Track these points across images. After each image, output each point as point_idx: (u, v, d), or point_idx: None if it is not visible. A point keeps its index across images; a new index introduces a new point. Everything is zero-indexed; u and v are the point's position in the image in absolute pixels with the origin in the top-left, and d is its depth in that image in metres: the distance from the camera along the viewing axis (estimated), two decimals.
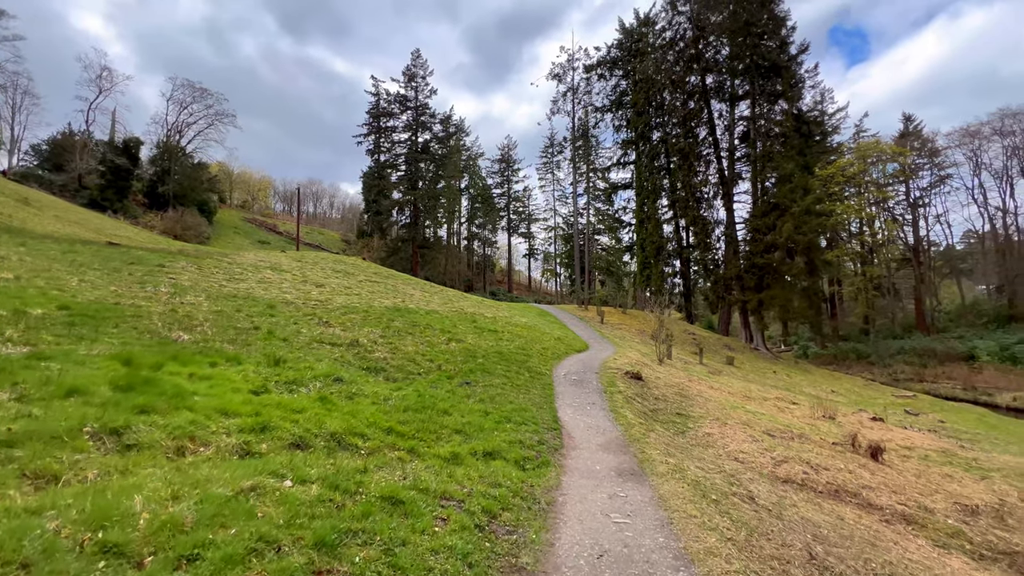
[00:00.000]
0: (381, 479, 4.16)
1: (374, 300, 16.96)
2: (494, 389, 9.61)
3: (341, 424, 5.24)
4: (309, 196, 78.58)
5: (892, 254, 39.90)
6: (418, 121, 52.47)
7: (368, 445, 5.05)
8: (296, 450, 4.44)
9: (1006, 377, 27.96)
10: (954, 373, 29.81)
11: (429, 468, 4.91)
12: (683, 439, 9.57)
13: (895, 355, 33.54)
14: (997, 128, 35.67)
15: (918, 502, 8.38)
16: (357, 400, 6.65)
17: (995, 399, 25.09)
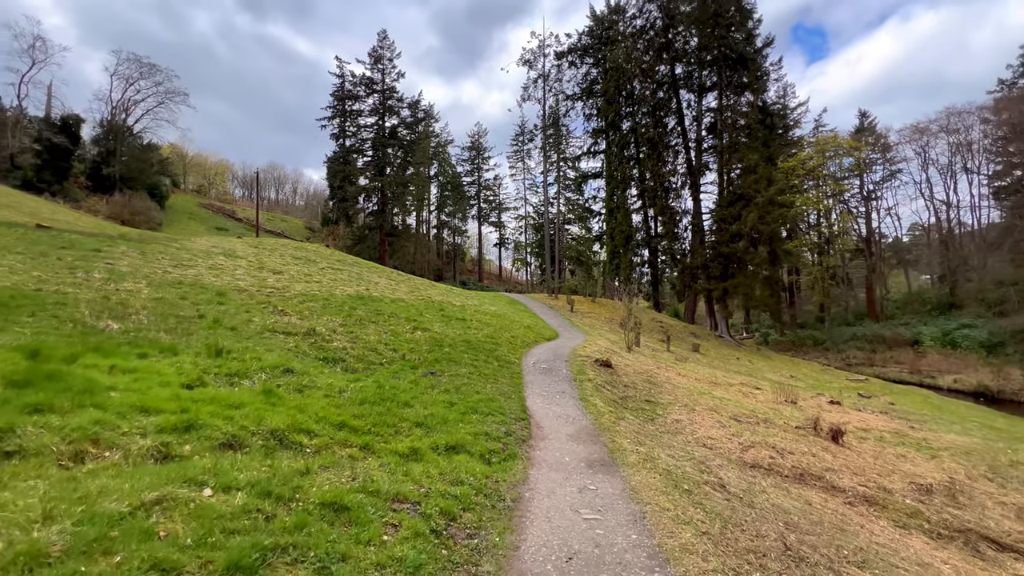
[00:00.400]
0: (325, 482, 3.67)
1: (336, 288, 16.16)
2: (460, 379, 9.18)
3: (285, 420, 4.70)
4: (270, 181, 75.18)
5: (846, 245, 41.52)
6: (385, 105, 50.74)
7: (315, 443, 4.54)
8: (228, 451, 3.89)
9: (947, 361, 29.61)
10: (901, 358, 31.36)
11: (384, 466, 4.45)
12: (653, 426, 9.43)
13: (848, 341, 35.02)
14: (943, 126, 37.46)
15: (877, 483, 8.52)
16: (308, 393, 6.08)
17: (938, 381, 26.52)
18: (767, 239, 26.41)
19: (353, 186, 48.04)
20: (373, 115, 51.20)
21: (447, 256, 61.61)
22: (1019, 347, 27.94)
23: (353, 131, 51.53)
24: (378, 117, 51.14)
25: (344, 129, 51.52)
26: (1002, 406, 22.44)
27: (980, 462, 11.41)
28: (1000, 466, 11.41)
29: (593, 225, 47.67)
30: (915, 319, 36.38)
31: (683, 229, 31.69)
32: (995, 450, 12.62)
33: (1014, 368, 25.53)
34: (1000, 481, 10.50)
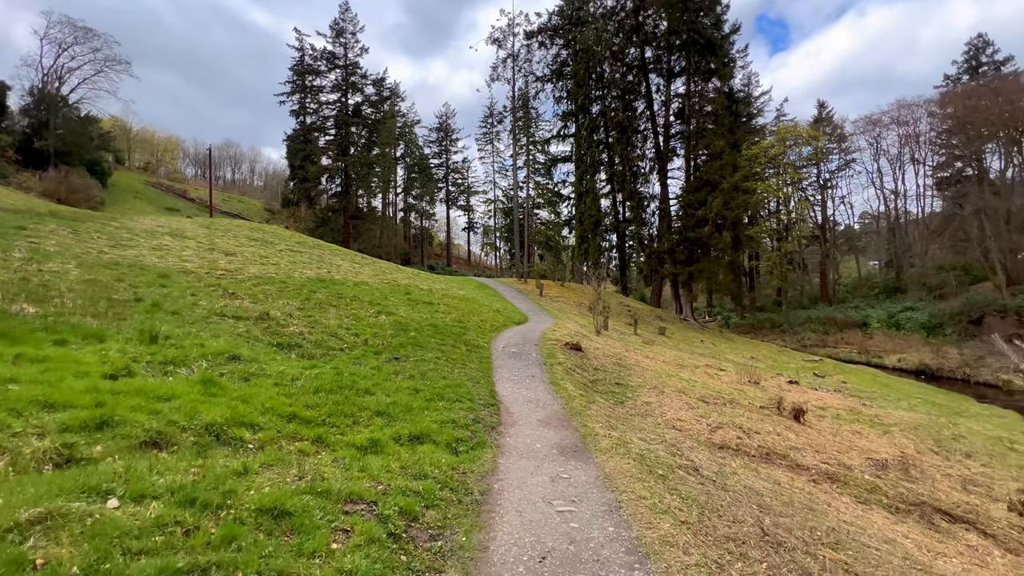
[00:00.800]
0: (266, 483, 3.20)
1: (295, 271, 15.27)
2: (426, 364, 8.74)
3: (225, 412, 4.16)
4: (226, 160, 70.92)
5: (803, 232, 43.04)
6: (348, 82, 48.46)
7: (259, 437, 4.04)
8: (150, 451, 3.35)
9: (892, 341, 31.30)
10: (851, 339, 32.94)
11: (338, 462, 4.01)
12: (623, 409, 9.31)
13: (803, 324, 36.49)
14: (895, 117, 39.04)
15: (838, 460, 8.71)
16: (255, 382, 5.52)
17: (884, 361, 28.00)
18: (731, 224, 26.91)
19: (315, 166, 45.92)
20: (335, 92, 48.86)
21: (415, 240, 60.24)
22: (956, 328, 29.80)
23: (314, 108, 49.08)
24: (341, 94, 48.85)
25: (305, 106, 48.97)
26: (941, 383, 23.91)
27: (927, 436, 11.94)
28: (944, 439, 11.99)
29: (562, 209, 47.50)
30: (864, 303, 38.22)
31: (651, 214, 31.93)
32: (939, 424, 13.28)
33: (951, 348, 27.22)
34: (945, 454, 11.01)
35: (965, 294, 32.37)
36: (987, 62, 41.02)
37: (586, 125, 34.39)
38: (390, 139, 52.15)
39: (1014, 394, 21.58)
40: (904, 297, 36.78)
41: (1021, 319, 27.98)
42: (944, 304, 33.41)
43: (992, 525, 7.06)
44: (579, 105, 34.70)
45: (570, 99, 36.47)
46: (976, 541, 6.47)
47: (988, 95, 34.32)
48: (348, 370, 7.08)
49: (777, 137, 39.17)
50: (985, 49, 41.44)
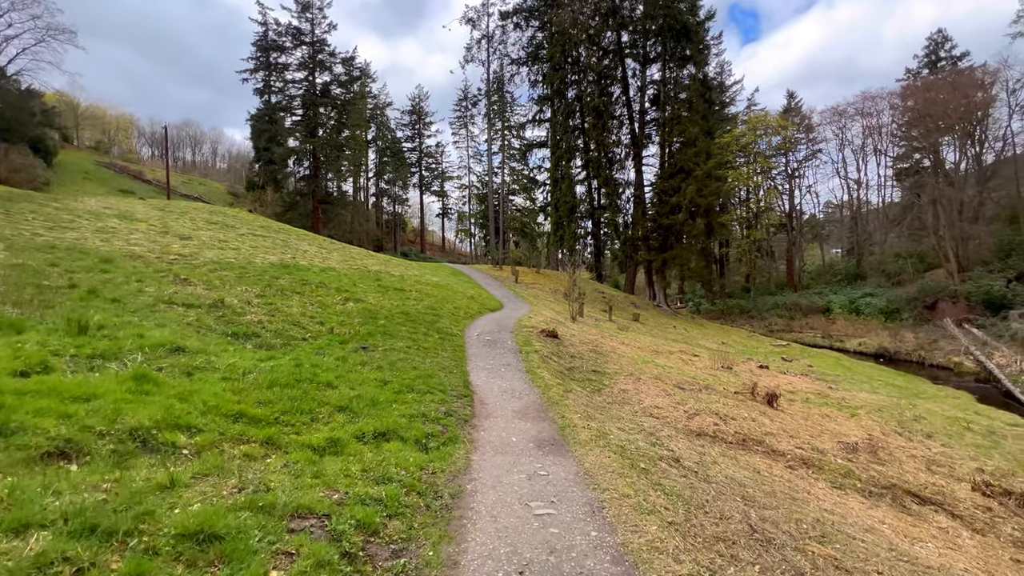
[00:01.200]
0: (196, 498, 2.72)
1: (256, 256, 14.38)
2: (396, 354, 8.25)
3: (157, 413, 3.61)
4: (185, 140, 67.10)
5: (772, 220, 43.96)
6: (315, 60, 46.25)
7: (196, 442, 3.51)
8: (55, 464, 2.80)
9: (853, 326, 32.41)
10: (815, 324, 33.96)
11: (288, 467, 3.53)
12: (600, 397, 9.08)
13: (770, 309, 37.41)
14: (859, 109, 40.03)
15: (811, 444, 8.74)
16: (200, 376, 4.94)
17: (846, 345, 28.96)
18: (704, 211, 27.10)
19: (281, 147, 43.87)
20: (302, 70, 46.60)
21: (387, 226, 58.73)
22: (912, 313, 31.06)
23: (280, 87, 46.73)
24: (308, 72, 46.63)
25: (270, 85, 46.54)
26: (898, 365, 24.87)
27: (890, 418, 12.22)
28: (906, 420, 12.30)
29: (538, 196, 47.06)
30: (827, 289, 39.44)
31: (625, 200, 31.87)
32: (901, 406, 13.64)
33: (907, 332, 28.35)
34: (908, 435, 11.27)
35: (920, 281, 33.75)
36: (945, 57, 42.39)
37: (562, 110, 33.85)
38: (361, 121, 50.31)
39: (964, 375, 22.61)
40: (864, 284, 38.11)
41: (970, 304, 29.35)
42: (901, 290, 34.77)
43: (958, 506, 7.17)
44: (555, 89, 34.09)
45: (546, 83, 35.80)
46: (946, 523, 6.54)
47: (946, 89, 35.47)
48: (309, 361, 6.54)
49: (748, 126, 39.62)
50: (944, 44, 42.79)
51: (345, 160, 50.06)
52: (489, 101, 41.86)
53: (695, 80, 28.05)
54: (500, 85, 43.23)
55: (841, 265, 43.14)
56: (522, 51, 37.52)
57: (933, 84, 37.27)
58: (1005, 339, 24.89)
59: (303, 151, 46.04)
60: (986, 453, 10.78)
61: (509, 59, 38.64)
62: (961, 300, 30.04)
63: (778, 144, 42.01)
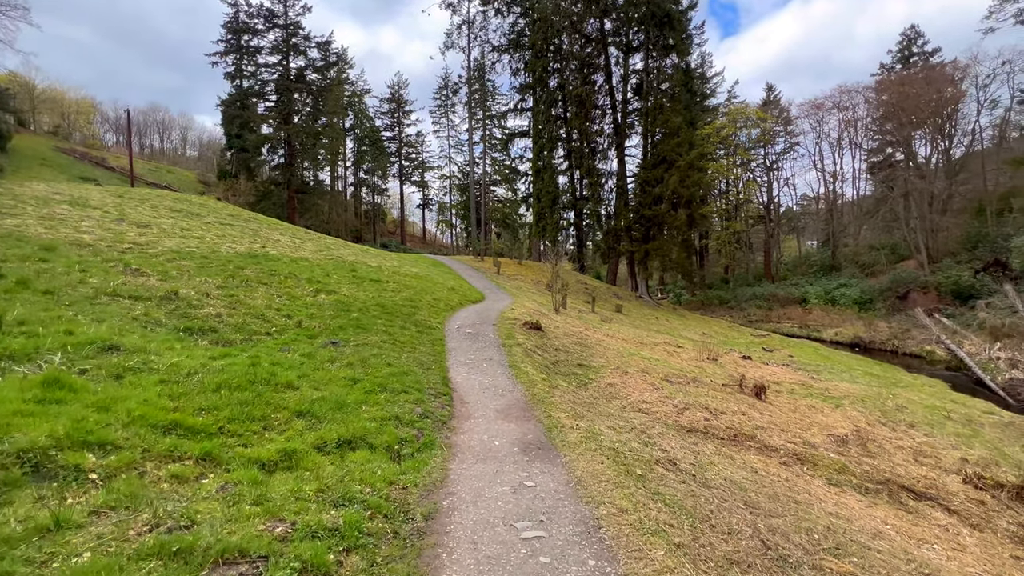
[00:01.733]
0: (87, 544, 2.10)
1: (222, 245, 13.44)
2: (369, 349, 7.61)
3: (63, 428, 2.94)
4: (152, 126, 63.86)
5: (750, 212, 44.30)
6: (289, 43, 44.36)
7: (110, 462, 2.86)
8: None
9: (829, 316, 32.90)
10: (792, 314, 34.38)
11: (226, 491, 2.92)
12: (587, 392, 8.63)
13: (749, 300, 37.77)
14: (836, 102, 40.43)
15: (802, 438, 8.46)
16: (132, 379, 4.24)
17: (822, 335, 29.35)
18: (686, 202, 26.92)
19: (254, 134, 42.07)
20: (275, 53, 44.66)
21: (366, 217, 57.28)
22: (885, 303, 31.66)
23: (252, 71, 44.72)
24: (281, 56, 44.72)
25: (241, 69, 44.47)
26: (873, 354, 25.25)
27: (874, 408, 12.12)
28: (889, 410, 12.22)
29: (520, 186, 46.39)
30: (803, 280, 40.00)
31: (608, 191, 31.49)
32: (882, 396, 13.60)
33: (881, 321, 28.87)
34: (891, 425, 11.16)
35: (892, 272, 34.42)
36: (918, 52, 43.08)
37: (544, 99, 33.14)
38: (337, 108, 48.61)
39: (936, 363, 23.04)
40: (839, 275, 38.75)
41: (940, 294, 30.02)
42: (874, 281, 35.44)
43: (952, 500, 6.97)
44: (537, 77, 33.32)
45: (527, 71, 34.98)
46: (944, 519, 6.30)
47: (919, 83, 36.01)
48: (270, 359, 5.86)
49: (729, 118, 39.67)
50: (917, 40, 43.47)
51: (322, 148, 48.39)
52: (470, 89, 40.85)
53: (678, 70, 27.70)
54: (481, 73, 42.20)
55: (817, 256, 43.81)
56: (503, 38, 36.61)
57: (907, 79, 37.81)
58: (973, 328, 25.48)
59: (277, 138, 44.27)
60: (967, 442, 10.73)
61: (490, 46, 37.67)
62: (932, 290, 30.71)
63: (757, 136, 42.24)
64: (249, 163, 43.46)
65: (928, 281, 31.55)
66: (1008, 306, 26.18)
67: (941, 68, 38.92)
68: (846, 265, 39.52)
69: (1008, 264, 29.49)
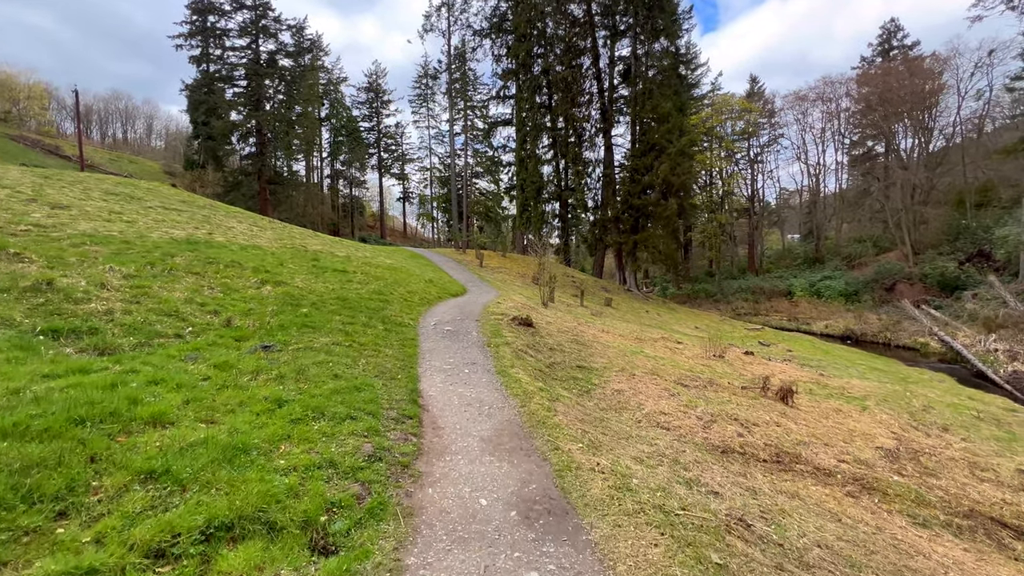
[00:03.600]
0: None
1: (156, 230, 11.25)
2: (314, 354, 5.72)
3: None
4: (115, 115, 59.49)
5: (733, 205, 43.36)
6: (258, 25, 41.34)
7: None
8: None
9: (816, 308, 32.07)
10: (780, 307, 33.47)
11: None
12: (592, 402, 6.93)
13: (735, 293, 36.77)
14: (820, 94, 39.65)
15: (851, 454, 6.92)
16: None
17: (812, 327, 28.39)
18: (677, 191, 25.51)
19: (221, 120, 39.06)
20: (244, 36, 41.57)
21: (344, 210, 54.54)
22: (871, 295, 30.92)
23: (219, 55, 41.56)
24: (250, 39, 41.68)
25: (208, 52, 41.27)
26: (865, 347, 24.33)
27: (900, 410, 10.74)
28: (916, 412, 10.85)
29: (503, 177, 44.46)
30: (787, 273, 39.23)
31: (595, 180, 29.88)
32: (900, 394, 12.26)
33: (870, 313, 28.05)
34: (924, 429, 9.77)
35: (876, 263, 33.79)
36: (898, 46, 42.62)
37: (528, 85, 31.27)
38: (312, 96, 45.75)
39: (929, 356, 22.15)
40: (823, 267, 38.07)
41: (926, 285, 29.37)
42: (857, 273, 34.77)
43: None
44: (520, 62, 31.41)
45: (510, 56, 33.02)
46: None
47: (902, 75, 35.38)
48: (152, 375, 3.94)
49: (714, 108, 38.49)
50: (896, 33, 42.99)
51: (296, 138, 45.50)
52: (450, 75, 38.67)
53: (668, 53, 26.18)
54: (462, 60, 40.06)
55: (800, 249, 43.16)
56: (485, 21, 34.54)
57: (890, 71, 37.16)
58: (964, 319, 24.74)
59: (247, 126, 41.31)
60: (1009, 447, 9.39)
61: (472, 30, 35.55)
62: (918, 282, 30.07)
63: (742, 129, 41.23)
64: (217, 152, 40.45)
65: (913, 273, 30.90)
66: (995, 297, 25.56)
67: (921, 61, 38.42)
68: (829, 257, 38.88)
69: (992, 255, 28.99)
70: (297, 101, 44.16)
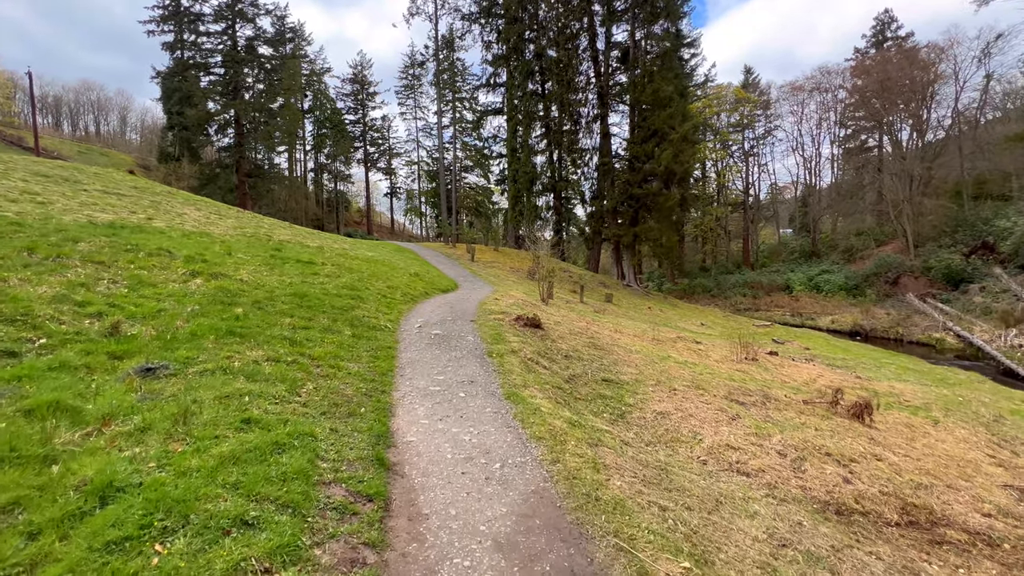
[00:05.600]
0: None
1: (76, 213, 8.97)
2: (225, 380, 3.62)
3: None
4: (87, 107, 55.80)
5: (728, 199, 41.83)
6: (235, 9, 38.48)
7: None
8: None
9: (818, 303, 30.60)
10: (780, 302, 31.95)
11: None
12: (632, 431, 4.95)
13: (732, 288, 35.21)
14: (817, 84, 38.18)
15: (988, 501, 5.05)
16: None
17: (818, 323, 26.85)
18: (679, 180, 23.74)
19: (194, 109, 36.19)
20: (220, 21, 38.68)
21: (328, 205, 51.85)
22: (874, 289, 29.53)
23: (193, 40, 38.60)
24: (227, 24, 38.80)
25: (182, 39, 38.30)
26: (875, 342, 22.78)
27: (972, 422, 8.93)
28: (990, 423, 9.05)
29: (493, 169, 42.33)
30: (784, 267, 37.80)
31: (591, 170, 27.95)
32: (955, 400, 10.50)
33: (876, 308, 26.59)
34: (1010, 448, 8.00)
35: (877, 256, 32.45)
36: (892, 37, 41.35)
37: (520, 69, 29.13)
38: (294, 86, 42.96)
39: (946, 352, 20.64)
40: (820, 261, 36.71)
41: (931, 279, 28.05)
42: (856, 266, 33.44)
43: None
44: (512, 46, 29.26)
45: (501, 41, 30.84)
46: None
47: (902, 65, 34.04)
48: None
49: (710, 98, 36.82)
50: (891, 24, 41.74)
51: (278, 130, 42.71)
52: (438, 64, 36.34)
53: (668, 35, 24.30)
54: (450, 47, 37.73)
55: (796, 243, 41.78)
56: (473, 5, 32.26)
57: (888, 60, 35.81)
58: (976, 313, 23.36)
59: (223, 117, 38.48)
60: None
61: (460, 14, 33.23)
62: (922, 275, 28.74)
63: (736, 121, 39.65)
64: (192, 143, 37.56)
65: (915, 266, 29.56)
66: (1003, 289, 24.25)
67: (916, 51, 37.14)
68: (826, 251, 37.55)
69: (995, 247, 27.73)
70: (278, 91, 41.38)
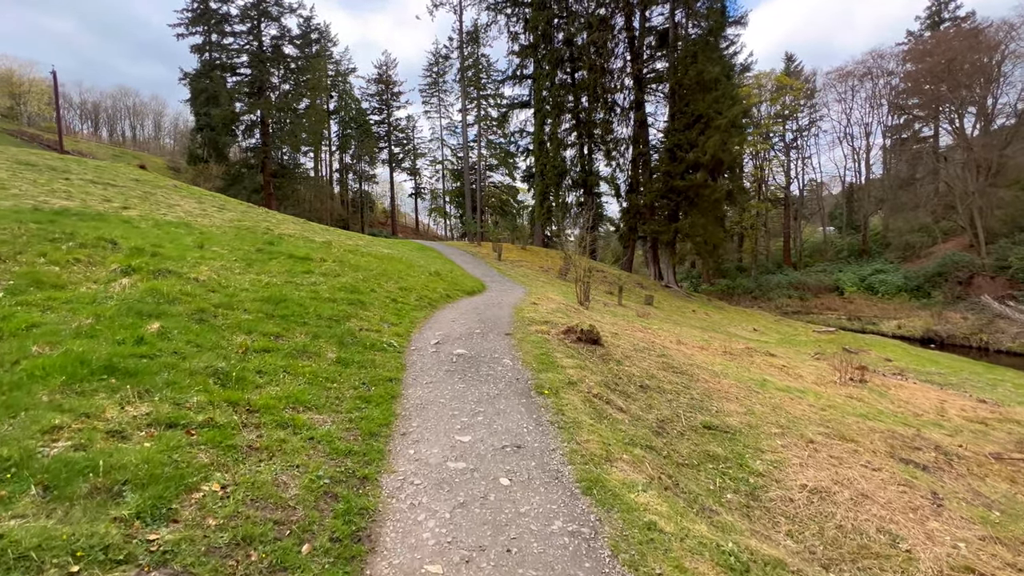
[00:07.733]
0: None
1: (25, 200, 7.27)
2: None
3: None
4: (123, 112, 56.50)
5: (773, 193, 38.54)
6: (260, 8, 37.58)
7: None
8: None
9: (876, 306, 27.32)
10: (832, 304, 28.74)
11: None
12: (779, 530, 2.78)
13: (775, 289, 32.10)
14: (868, 68, 34.57)
15: None
16: None
17: (880, 327, 23.69)
18: (727, 170, 21.13)
19: (219, 109, 35.37)
20: (246, 20, 37.87)
21: (353, 205, 50.75)
22: (941, 291, 26.02)
23: (220, 42, 37.91)
24: (252, 24, 37.95)
25: (210, 40, 37.66)
26: (955, 351, 19.59)
27: None
28: None
29: (520, 164, 40.16)
30: (830, 266, 34.35)
31: (627, 162, 25.50)
32: None
33: (951, 312, 23.24)
34: None
35: (940, 254, 28.81)
36: (950, 17, 37.28)
37: (548, 58, 26.91)
38: (319, 86, 41.90)
39: None
40: (871, 260, 33.14)
41: (1011, 279, 24.42)
42: (912, 265, 29.87)
43: None
44: (540, 34, 27.08)
45: (528, 30, 28.69)
46: None
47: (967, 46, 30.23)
48: None
49: (755, 84, 33.78)
50: (948, 4, 37.65)
51: (303, 130, 41.68)
52: (462, 58, 34.45)
53: (713, 11, 21.68)
54: (475, 41, 35.82)
55: (842, 241, 38.12)
56: None
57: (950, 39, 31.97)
58: None
59: (249, 117, 37.61)
60: None
61: (485, 4, 31.21)
62: (999, 274, 25.10)
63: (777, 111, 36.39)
64: (218, 143, 36.81)
65: (988, 264, 25.90)
66: None
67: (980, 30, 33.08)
68: (877, 249, 33.91)
69: None
70: (303, 91, 40.35)
